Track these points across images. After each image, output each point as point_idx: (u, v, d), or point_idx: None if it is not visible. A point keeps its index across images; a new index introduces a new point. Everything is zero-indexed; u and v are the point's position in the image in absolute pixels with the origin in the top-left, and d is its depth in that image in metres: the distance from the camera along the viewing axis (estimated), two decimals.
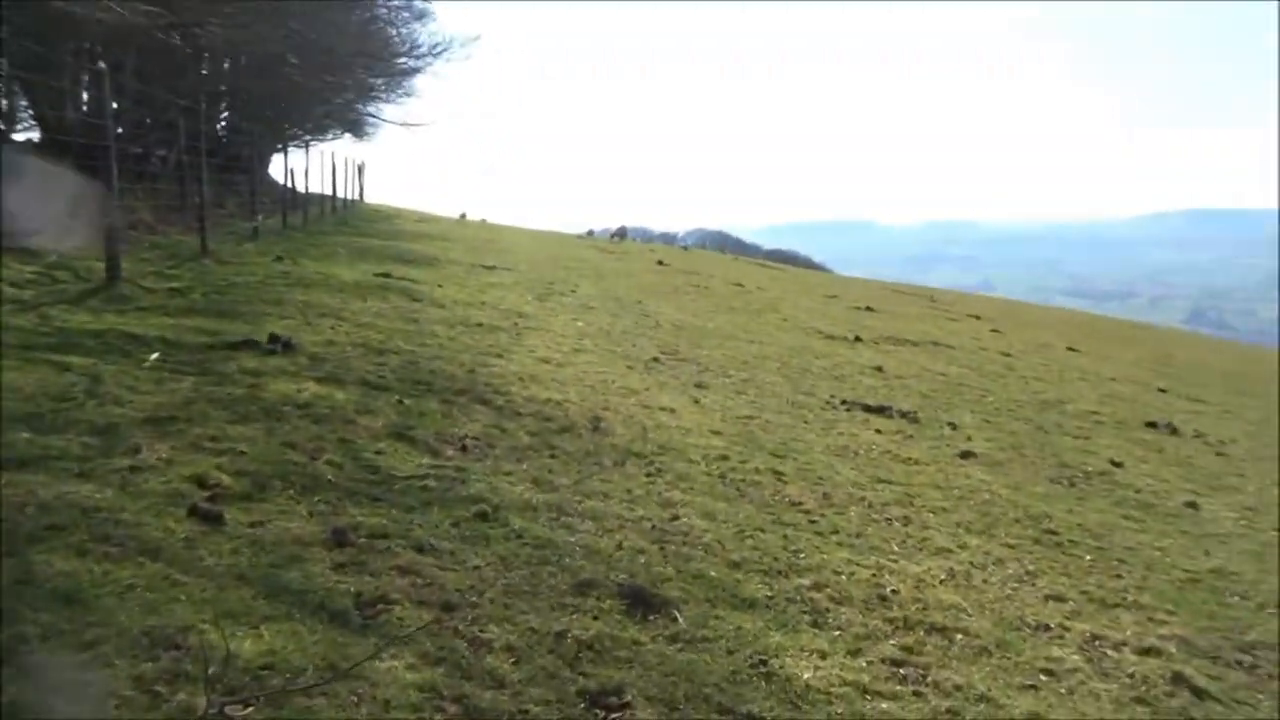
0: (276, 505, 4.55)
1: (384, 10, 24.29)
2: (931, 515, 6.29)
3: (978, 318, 24.32)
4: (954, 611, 4.60)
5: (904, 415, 9.52)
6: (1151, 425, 11.12)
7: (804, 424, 8.53)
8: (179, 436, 5.33)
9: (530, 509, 5.09)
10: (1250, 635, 4.94)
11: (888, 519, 6.04)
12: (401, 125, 30.53)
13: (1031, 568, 5.50)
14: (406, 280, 13.69)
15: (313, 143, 35.29)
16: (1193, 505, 7.66)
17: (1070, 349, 19.67)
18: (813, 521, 5.72)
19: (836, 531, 5.60)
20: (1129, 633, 4.67)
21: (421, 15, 24.61)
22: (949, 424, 9.47)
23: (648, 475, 6.15)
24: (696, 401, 8.73)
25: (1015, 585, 5.17)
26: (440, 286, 13.69)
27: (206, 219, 14.48)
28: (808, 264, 70.72)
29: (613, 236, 42.64)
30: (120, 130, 20.90)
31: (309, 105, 29.18)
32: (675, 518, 5.37)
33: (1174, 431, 11.00)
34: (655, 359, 10.54)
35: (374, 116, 33.52)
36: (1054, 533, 6.28)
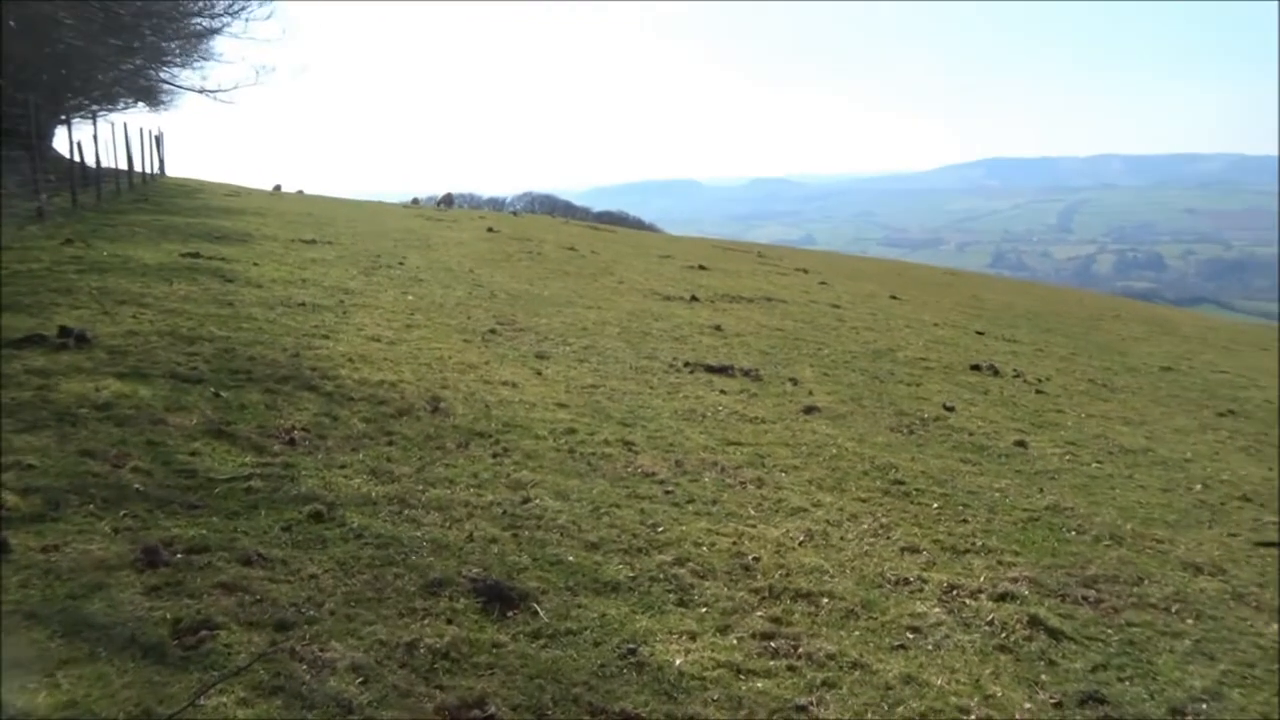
0: (74, 524, 4.00)
1: None
2: (784, 475, 6.27)
3: (805, 271, 24.92)
4: (817, 575, 4.55)
5: (746, 374, 9.54)
6: (975, 368, 11.60)
7: (649, 389, 8.40)
8: None
9: (369, 504, 4.72)
10: (1091, 569, 5.13)
11: (742, 483, 5.97)
12: (199, 92, 28.34)
13: (885, 520, 5.54)
14: (217, 260, 12.71)
15: (102, 113, 32.47)
16: (1021, 444, 7.99)
17: (893, 297, 20.42)
18: (668, 492, 5.57)
19: (693, 500, 5.47)
20: (983, 579, 4.75)
21: None
22: (790, 380, 9.56)
23: (494, 456, 5.85)
24: (538, 373, 8.45)
25: (872, 540, 5.19)
26: (256, 265, 12.79)
27: None
28: (638, 224, 71.02)
29: (439, 204, 41.41)
30: None
31: (92, 71, 26.74)
32: (526, 500, 5.11)
33: (996, 373, 11.53)
34: (492, 330, 10.17)
35: (169, 83, 31.04)
36: (901, 483, 6.38)
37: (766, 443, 7.04)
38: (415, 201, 43.89)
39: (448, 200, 42.98)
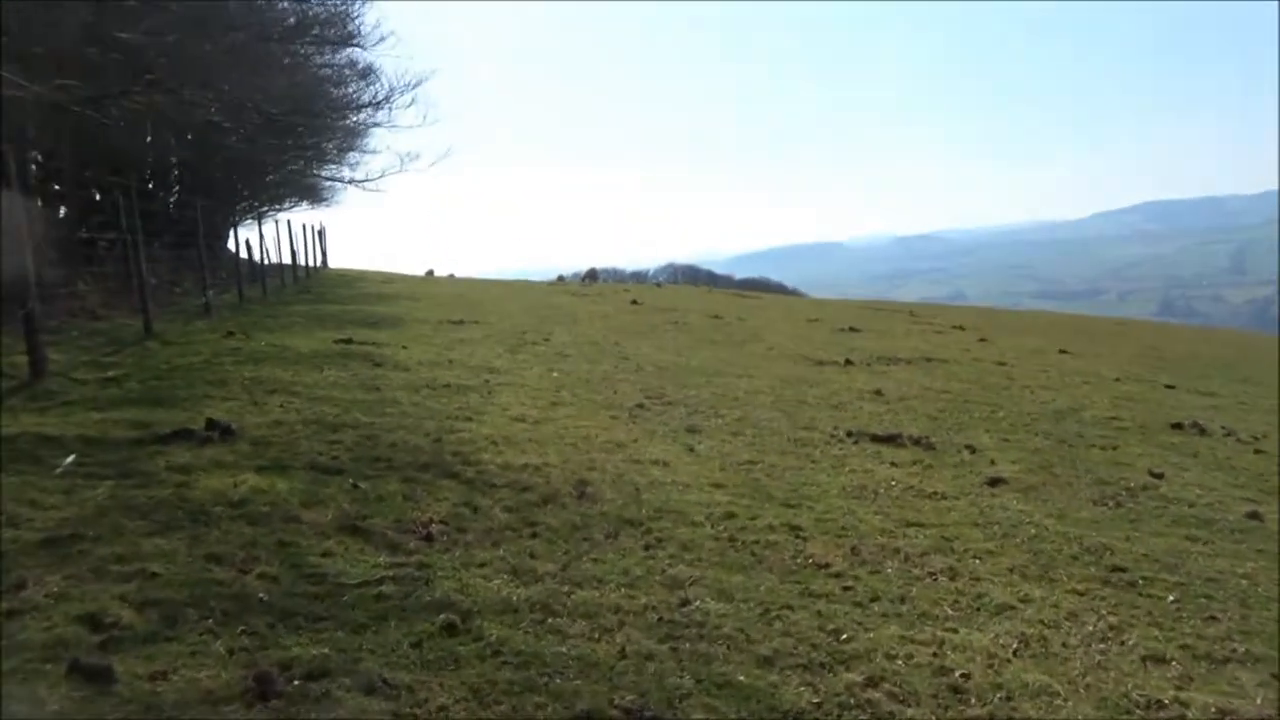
0: (187, 644, 3.62)
1: (328, 71, 23.49)
2: (978, 562, 5.42)
3: (961, 328, 23.58)
4: (1045, 698, 3.69)
5: (917, 442, 8.67)
6: (1177, 426, 10.32)
7: (812, 464, 7.67)
8: (79, 560, 4.40)
9: (509, 611, 4.18)
10: None
11: (931, 574, 5.16)
12: (349, 183, 29.58)
13: (1113, 620, 4.62)
14: (369, 345, 12.78)
15: (270, 212, 34.42)
16: (1255, 515, 6.82)
17: (1062, 352, 18.95)
18: (847, 588, 4.83)
19: (877, 598, 4.71)
20: (1260, 700, 3.78)
21: (366, 73, 23.77)
22: (967, 447, 8.62)
23: (646, 548, 5.26)
24: (691, 449, 7.85)
25: (1102, 647, 4.29)
26: (405, 348, 12.79)
27: (150, 299, 13.57)
28: (781, 290, 70.23)
29: (584, 279, 41.91)
30: (64, 213, 20.01)
31: (258, 173, 28.32)
32: (685, 602, 4.47)
33: (1202, 431, 10.20)
34: (640, 405, 9.66)
35: (330, 179, 32.66)
36: (1121, 569, 5.41)
37: (952, 522, 6.19)
38: (560, 278, 44.61)
39: (592, 275, 43.48)
